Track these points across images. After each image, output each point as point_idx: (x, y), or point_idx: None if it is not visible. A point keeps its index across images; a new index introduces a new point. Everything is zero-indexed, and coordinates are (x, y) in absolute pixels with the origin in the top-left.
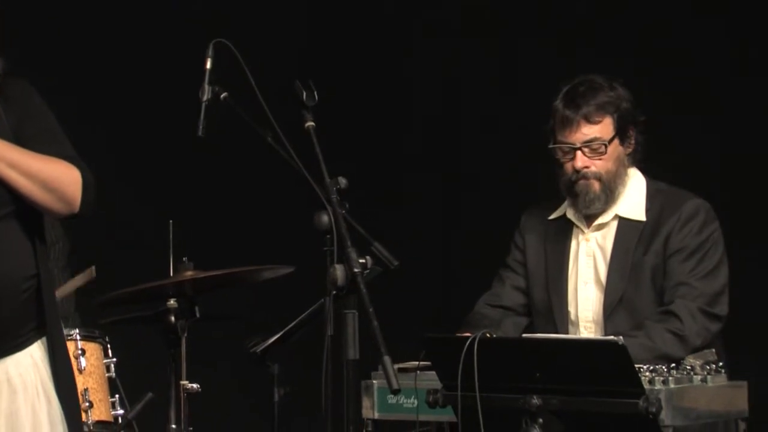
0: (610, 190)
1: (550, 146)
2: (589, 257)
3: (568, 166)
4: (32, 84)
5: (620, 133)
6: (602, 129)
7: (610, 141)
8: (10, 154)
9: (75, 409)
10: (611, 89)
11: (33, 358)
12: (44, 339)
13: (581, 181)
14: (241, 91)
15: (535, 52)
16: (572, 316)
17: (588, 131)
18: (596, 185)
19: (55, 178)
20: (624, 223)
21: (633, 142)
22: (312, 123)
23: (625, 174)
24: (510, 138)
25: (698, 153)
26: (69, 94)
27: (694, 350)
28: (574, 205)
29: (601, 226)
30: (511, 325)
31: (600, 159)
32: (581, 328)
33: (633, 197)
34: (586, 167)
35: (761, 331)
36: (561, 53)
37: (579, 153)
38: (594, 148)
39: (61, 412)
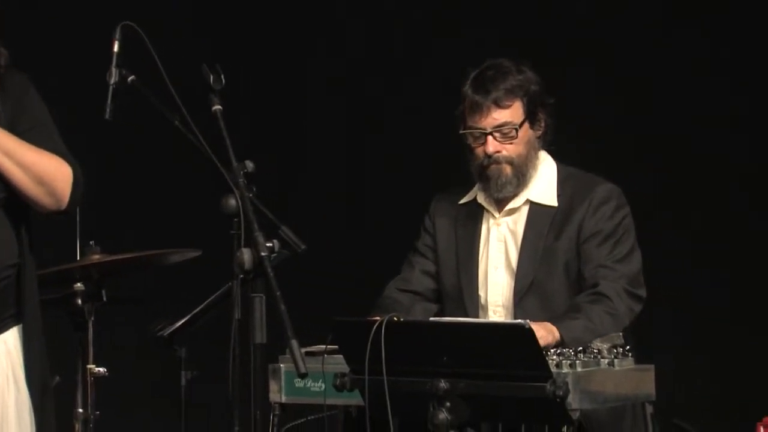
0: (521, 174)
1: (461, 131)
2: (500, 242)
3: (480, 151)
4: None
5: (530, 116)
6: (512, 113)
7: (521, 125)
8: (6, 142)
9: (45, 398)
10: (519, 72)
11: (6, 344)
12: (20, 327)
13: (493, 166)
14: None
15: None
16: (482, 301)
17: (498, 116)
18: (508, 169)
19: (47, 173)
20: (535, 208)
21: (543, 124)
22: (219, 106)
23: (536, 157)
24: (420, 121)
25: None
26: None
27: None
28: (486, 190)
29: (512, 211)
30: (421, 310)
31: (511, 143)
32: (491, 313)
33: (544, 182)
34: (498, 152)
35: (668, 314)
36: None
37: (490, 138)
38: (505, 132)
39: (30, 401)
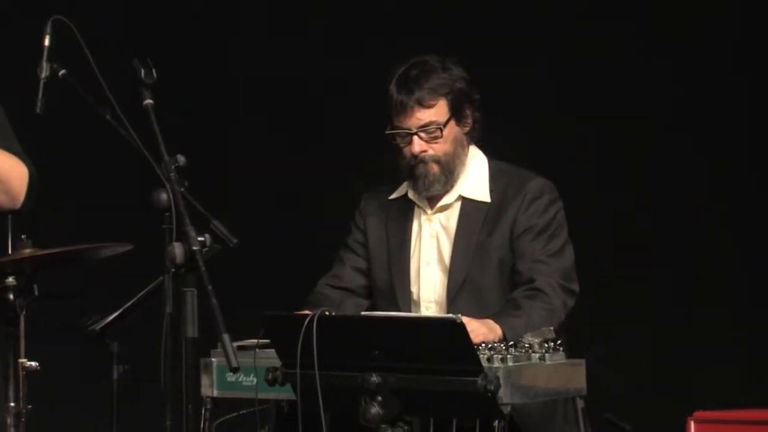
0: (449, 171)
1: (387, 132)
2: (433, 238)
3: (406, 151)
4: None
5: (455, 113)
6: (437, 112)
7: (446, 123)
8: None
9: None
10: (444, 70)
11: None
12: None
13: (420, 165)
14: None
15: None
16: (415, 297)
17: (422, 116)
18: (435, 168)
19: (2, 171)
20: (468, 204)
21: (470, 120)
22: (150, 101)
23: (464, 154)
24: (350, 119)
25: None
26: None
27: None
28: (415, 188)
29: (444, 207)
30: (352, 306)
31: (437, 142)
32: (423, 309)
33: (476, 178)
34: (424, 151)
35: (601, 309)
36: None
37: (415, 138)
38: (430, 131)
39: None
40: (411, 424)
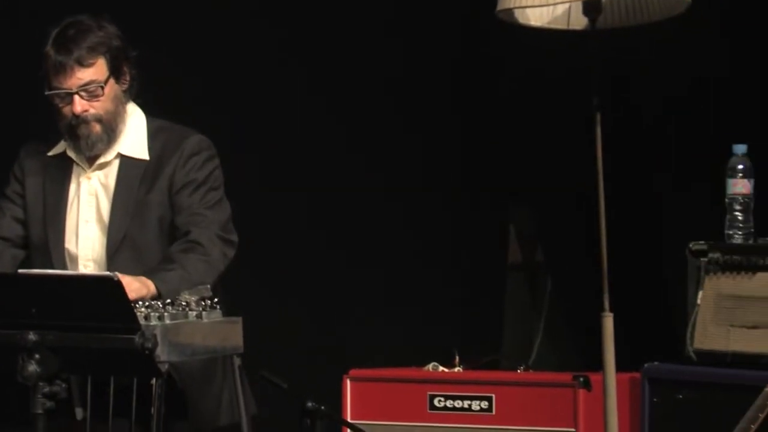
0: (111, 130)
1: (47, 93)
2: (92, 196)
3: (67, 111)
4: None
5: (114, 71)
6: (96, 71)
7: (106, 81)
8: None
9: None
10: (100, 29)
11: None
12: None
13: (82, 126)
14: None
15: None
16: (72, 254)
17: (82, 75)
18: (97, 127)
19: None
20: (126, 162)
21: (128, 78)
22: None
23: (125, 111)
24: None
25: None
26: None
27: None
28: (76, 148)
29: (103, 165)
30: (9, 258)
31: (98, 101)
32: (81, 267)
33: (134, 135)
34: (85, 111)
35: (257, 266)
36: None
37: (76, 98)
38: (90, 90)
39: None
40: (69, 381)
